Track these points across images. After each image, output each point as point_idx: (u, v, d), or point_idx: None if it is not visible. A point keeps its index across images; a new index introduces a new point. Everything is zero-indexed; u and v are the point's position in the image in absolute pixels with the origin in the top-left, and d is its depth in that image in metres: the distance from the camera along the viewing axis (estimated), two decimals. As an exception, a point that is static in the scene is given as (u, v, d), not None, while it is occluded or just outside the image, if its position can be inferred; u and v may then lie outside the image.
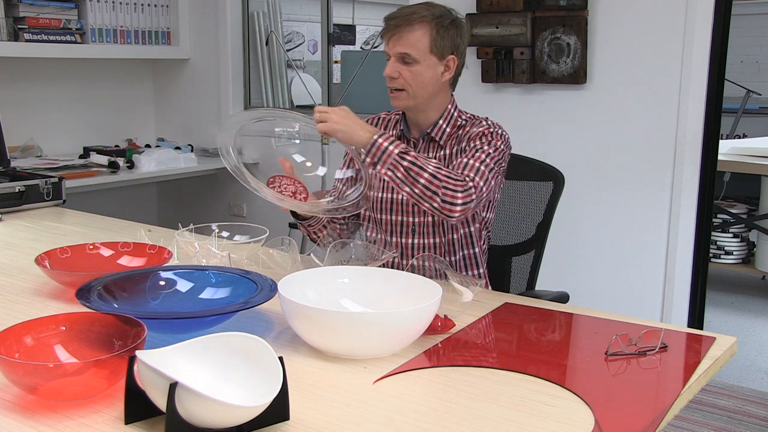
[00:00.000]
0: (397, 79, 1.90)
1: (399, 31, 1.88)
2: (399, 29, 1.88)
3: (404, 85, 1.90)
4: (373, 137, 1.76)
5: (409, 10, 1.90)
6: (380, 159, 1.76)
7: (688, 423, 2.92)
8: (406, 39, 1.88)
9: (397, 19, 1.89)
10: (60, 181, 2.86)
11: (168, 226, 2.52)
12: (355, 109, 1.87)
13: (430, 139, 1.98)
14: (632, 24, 3.07)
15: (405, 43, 1.88)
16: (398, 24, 1.88)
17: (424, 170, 1.74)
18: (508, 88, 3.38)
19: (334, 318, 1.37)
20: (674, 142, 3.02)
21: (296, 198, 1.87)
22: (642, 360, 1.43)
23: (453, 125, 1.98)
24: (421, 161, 1.75)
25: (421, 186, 1.74)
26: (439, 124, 1.97)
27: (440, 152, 1.97)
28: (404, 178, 1.75)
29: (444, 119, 1.97)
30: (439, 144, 1.97)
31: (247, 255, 1.92)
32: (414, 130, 2.02)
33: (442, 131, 1.97)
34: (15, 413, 1.17)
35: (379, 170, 1.77)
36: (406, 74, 1.89)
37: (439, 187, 1.73)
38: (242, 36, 4.42)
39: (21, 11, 3.68)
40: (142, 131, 4.58)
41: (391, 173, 1.76)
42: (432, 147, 1.98)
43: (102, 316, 1.34)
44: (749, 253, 4.56)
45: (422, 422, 1.18)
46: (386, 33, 1.91)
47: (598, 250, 3.24)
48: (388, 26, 1.91)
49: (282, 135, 2.06)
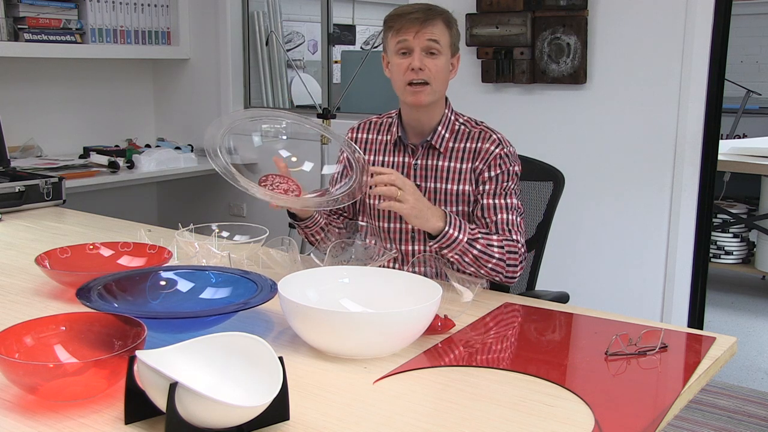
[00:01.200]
0: (424, 71, 1.88)
1: (425, 24, 1.87)
2: (425, 23, 1.87)
3: (429, 78, 1.88)
4: (444, 227, 1.78)
5: (425, 6, 1.90)
6: (449, 246, 1.80)
7: (688, 423, 2.92)
8: (432, 30, 1.87)
9: (417, 12, 1.88)
10: (60, 181, 2.86)
11: (168, 226, 2.52)
12: (355, 110, 1.87)
13: (430, 146, 1.97)
14: (632, 24, 3.07)
15: (434, 34, 1.87)
16: (420, 17, 1.87)
17: (492, 257, 1.82)
18: (508, 88, 3.38)
19: (334, 318, 1.37)
20: (674, 142, 3.02)
21: (288, 195, 1.86)
22: (642, 360, 1.43)
23: (451, 130, 1.97)
24: (489, 249, 1.81)
25: (487, 269, 1.83)
26: (438, 131, 1.95)
27: (443, 162, 1.95)
28: (471, 263, 1.82)
29: (443, 125, 1.96)
30: (439, 151, 1.96)
31: (247, 255, 1.92)
32: (412, 135, 1.99)
33: (441, 137, 1.96)
34: (15, 413, 1.17)
35: (446, 254, 1.82)
36: (432, 66, 1.88)
37: (504, 268, 1.83)
38: (242, 36, 4.42)
39: (21, 11, 3.68)
40: (142, 131, 4.58)
41: (458, 257, 1.82)
42: (432, 154, 1.97)
43: (102, 316, 1.34)
44: (749, 253, 4.56)
45: (422, 422, 1.18)
46: (406, 27, 1.88)
47: (598, 250, 3.24)
48: (408, 20, 1.87)
49: (269, 132, 2.04)
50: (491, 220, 1.90)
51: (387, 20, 1.94)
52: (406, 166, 1.99)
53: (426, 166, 1.97)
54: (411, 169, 1.98)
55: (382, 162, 2.02)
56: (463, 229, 1.80)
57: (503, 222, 1.89)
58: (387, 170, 1.78)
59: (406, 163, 1.99)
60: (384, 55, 1.99)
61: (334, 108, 3.90)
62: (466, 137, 1.96)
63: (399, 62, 1.90)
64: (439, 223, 1.78)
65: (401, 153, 2.00)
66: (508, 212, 1.90)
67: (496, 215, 1.90)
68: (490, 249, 1.82)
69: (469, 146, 1.95)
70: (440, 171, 1.96)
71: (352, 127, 2.12)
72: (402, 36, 1.89)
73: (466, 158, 1.94)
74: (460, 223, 1.81)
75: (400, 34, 1.89)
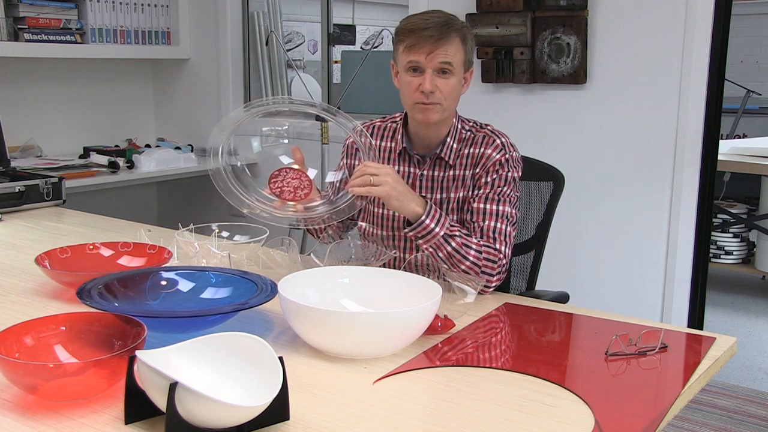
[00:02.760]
0: (435, 93, 1.81)
1: (439, 44, 1.79)
2: (439, 42, 1.78)
3: (441, 99, 1.83)
4: (421, 216, 1.77)
5: (441, 20, 1.81)
6: (424, 237, 1.79)
7: (688, 423, 2.92)
8: (445, 51, 1.79)
9: (432, 29, 1.78)
10: (60, 181, 2.86)
11: (168, 226, 2.52)
12: (355, 110, 1.86)
13: (438, 157, 1.92)
14: (632, 24, 3.06)
15: (447, 54, 1.80)
16: (435, 36, 1.78)
17: (466, 258, 1.79)
18: (508, 88, 3.38)
19: (334, 318, 1.37)
20: (674, 142, 3.02)
21: (297, 194, 1.85)
22: (642, 360, 1.43)
23: (458, 139, 1.93)
24: (464, 249, 1.78)
25: (461, 269, 1.79)
26: (447, 143, 1.91)
27: (449, 172, 1.92)
28: (445, 259, 1.80)
29: (451, 136, 1.92)
30: (448, 163, 1.92)
31: (247, 255, 1.92)
32: (419, 146, 1.95)
33: (450, 149, 1.92)
34: (15, 413, 1.17)
35: (421, 244, 1.81)
36: (444, 88, 1.82)
37: (478, 273, 1.79)
38: (242, 36, 4.42)
39: (21, 11, 3.68)
40: (142, 131, 4.58)
41: (432, 251, 1.80)
42: (439, 165, 1.93)
43: (102, 316, 1.34)
44: (749, 253, 4.56)
45: (422, 422, 1.18)
46: (419, 45, 1.80)
47: (598, 250, 3.24)
48: (422, 37, 1.79)
49: (270, 134, 2.03)
50: (478, 225, 1.85)
51: (398, 32, 1.85)
52: (412, 176, 1.95)
53: (433, 177, 1.94)
54: (417, 179, 1.95)
55: None
56: (441, 223, 1.77)
57: (489, 229, 1.84)
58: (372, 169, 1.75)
59: (412, 173, 1.95)
60: (393, 63, 1.93)
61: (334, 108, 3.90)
62: (470, 143, 1.92)
63: (409, 80, 1.84)
64: (418, 209, 1.76)
65: (406, 163, 1.96)
66: (497, 220, 1.84)
67: (485, 221, 1.85)
68: (465, 250, 1.78)
69: (473, 151, 1.91)
70: (446, 181, 1.93)
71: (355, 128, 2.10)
72: (414, 55, 1.81)
73: (469, 164, 1.91)
74: (440, 216, 1.78)
75: (412, 52, 1.81)
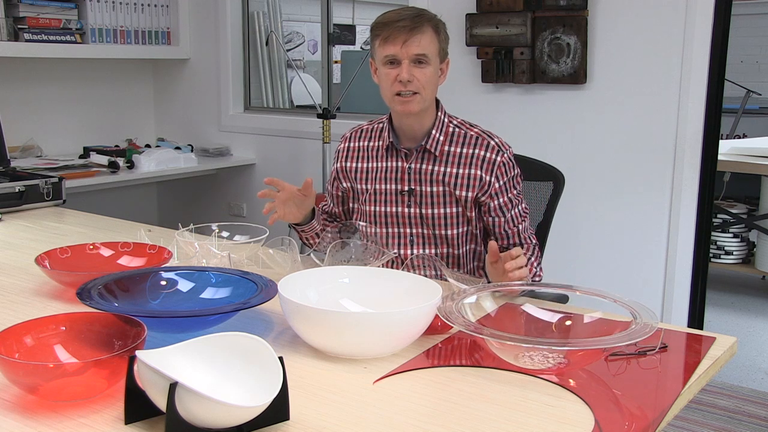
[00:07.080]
0: (412, 83, 1.86)
1: (412, 33, 1.85)
2: (412, 32, 1.85)
3: (419, 88, 1.87)
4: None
5: (413, 12, 1.88)
6: None
7: (688, 423, 2.92)
8: (419, 40, 1.85)
9: (405, 20, 1.85)
10: (60, 181, 2.86)
11: (168, 226, 2.52)
12: (355, 110, 1.87)
13: (424, 150, 1.97)
14: (632, 24, 3.06)
15: (421, 45, 1.85)
16: (408, 26, 1.84)
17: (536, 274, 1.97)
18: (508, 88, 3.38)
19: (334, 318, 1.37)
20: (674, 142, 3.02)
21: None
22: (642, 360, 1.43)
23: (445, 133, 1.97)
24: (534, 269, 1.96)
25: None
26: (432, 135, 1.96)
27: (439, 167, 1.95)
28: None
29: (436, 128, 1.96)
30: (434, 155, 1.96)
31: (247, 255, 1.92)
32: (405, 139, 1.99)
33: (436, 141, 1.96)
34: (15, 413, 1.17)
35: None
36: (420, 76, 1.87)
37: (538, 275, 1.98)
38: (242, 36, 4.42)
39: (21, 11, 3.68)
40: (142, 131, 4.58)
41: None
42: (427, 157, 1.97)
43: (102, 316, 1.34)
44: (749, 253, 4.56)
45: (422, 422, 1.18)
46: (393, 36, 1.85)
47: (598, 250, 3.24)
48: (395, 28, 1.85)
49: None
50: (512, 232, 1.99)
51: (374, 28, 1.91)
52: (400, 170, 1.99)
53: (420, 170, 1.97)
54: (405, 173, 1.98)
55: (376, 167, 2.02)
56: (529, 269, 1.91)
57: (524, 230, 2.01)
58: (518, 260, 1.74)
59: (399, 167, 1.99)
60: (372, 61, 1.98)
61: (334, 108, 3.90)
62: (462, 141, 1.96)
63: (387, 72, 1.89)
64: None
65: (394, 157, 2.00)
66: (524, 219, 2.01)
67: (516, 226, 1.99)
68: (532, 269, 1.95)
69: (466, 151, 1.95)
70: (436, 175, 1.96)
71: (344, 136, 2.12)
72: (390, 47, 1.87)
73: (464, 163, 1.94)
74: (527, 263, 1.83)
75: (387, 43, 1.87)
